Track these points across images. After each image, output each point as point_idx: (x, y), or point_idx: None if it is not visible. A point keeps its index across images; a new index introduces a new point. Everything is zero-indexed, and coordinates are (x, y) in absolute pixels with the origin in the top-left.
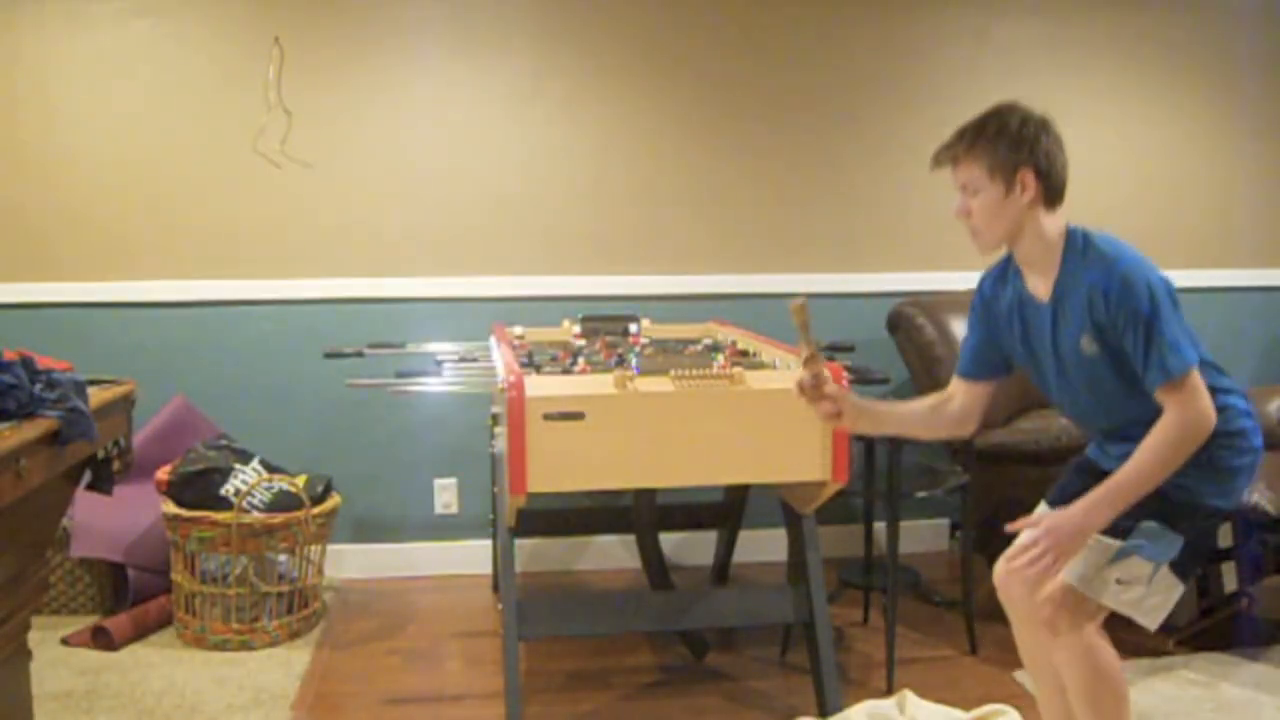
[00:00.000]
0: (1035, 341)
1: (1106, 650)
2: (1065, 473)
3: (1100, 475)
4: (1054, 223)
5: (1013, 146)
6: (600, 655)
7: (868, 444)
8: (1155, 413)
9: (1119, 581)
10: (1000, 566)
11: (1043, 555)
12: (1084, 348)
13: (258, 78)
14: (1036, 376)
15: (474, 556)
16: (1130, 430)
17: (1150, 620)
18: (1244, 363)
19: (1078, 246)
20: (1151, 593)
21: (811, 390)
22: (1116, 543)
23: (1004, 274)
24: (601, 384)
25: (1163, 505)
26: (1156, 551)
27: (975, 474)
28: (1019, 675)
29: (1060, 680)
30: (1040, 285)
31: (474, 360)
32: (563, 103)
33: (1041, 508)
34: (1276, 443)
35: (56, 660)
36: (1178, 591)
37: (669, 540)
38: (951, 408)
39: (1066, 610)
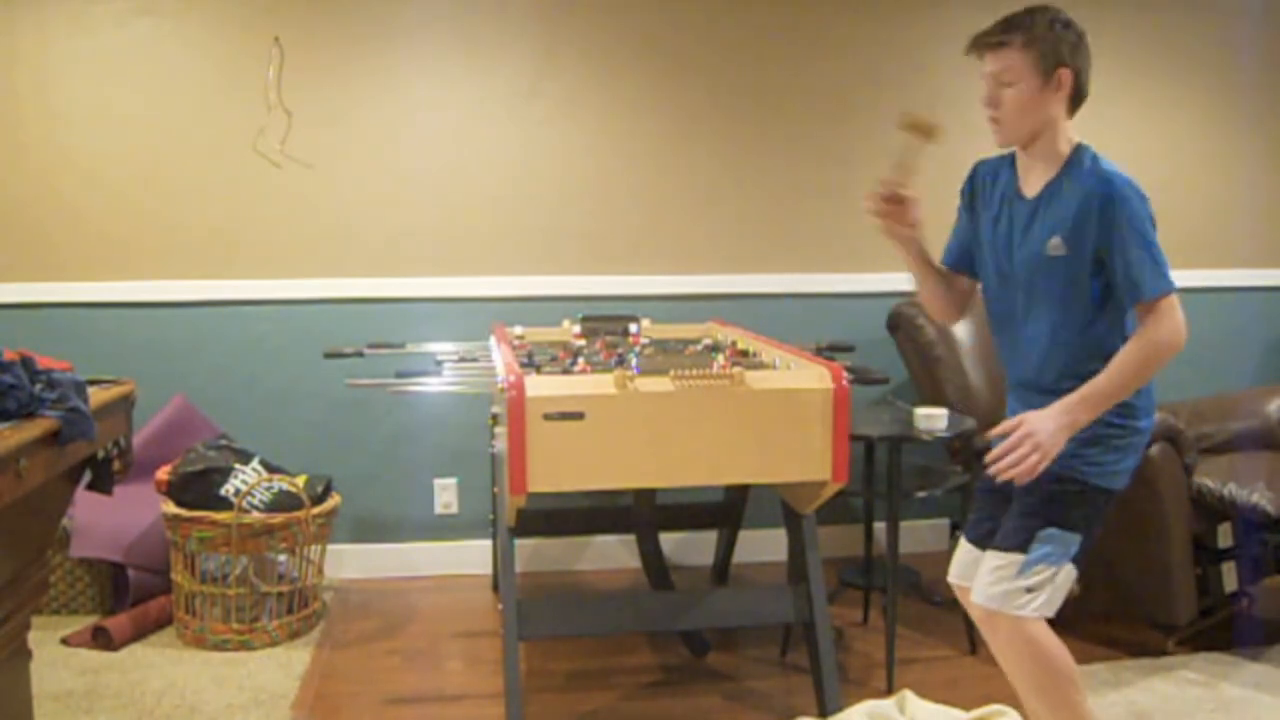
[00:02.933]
0: (1002, 238)
1: (1047, 637)
2: (976, 505)
3: (1002, 491)
4: (1070, 130)
5: (1056, 43)
6: (600, 655)
7: (868, 444)
8: (1075, 360)
9: (1028, 590)
10: (952, 578)
11: (1028, 455)
12: (1050, 249)
13: (258, 78)
14: (987, 282)
15: (474, 556)
16: (1044, 378)
17: (1051, 610)
18: (1244, 363)
19: (1084, 158)
20: (1056, 589)
21: (887, 203)
22: (1020, 556)
23: (998, 167)
24: (601, 384)
25: (1056, 508)
26: (1059, 555)
27: (975, 474)
28: None
29: None
30: (1032, 183)
31: (474, 360)
32: (562, 103)
33: (962, 543)
34: (1276, 443)
35: (56, 660)
36: (1073, 576)
37: (669, 540)
38: (956, 282)
39: (1002, 614)
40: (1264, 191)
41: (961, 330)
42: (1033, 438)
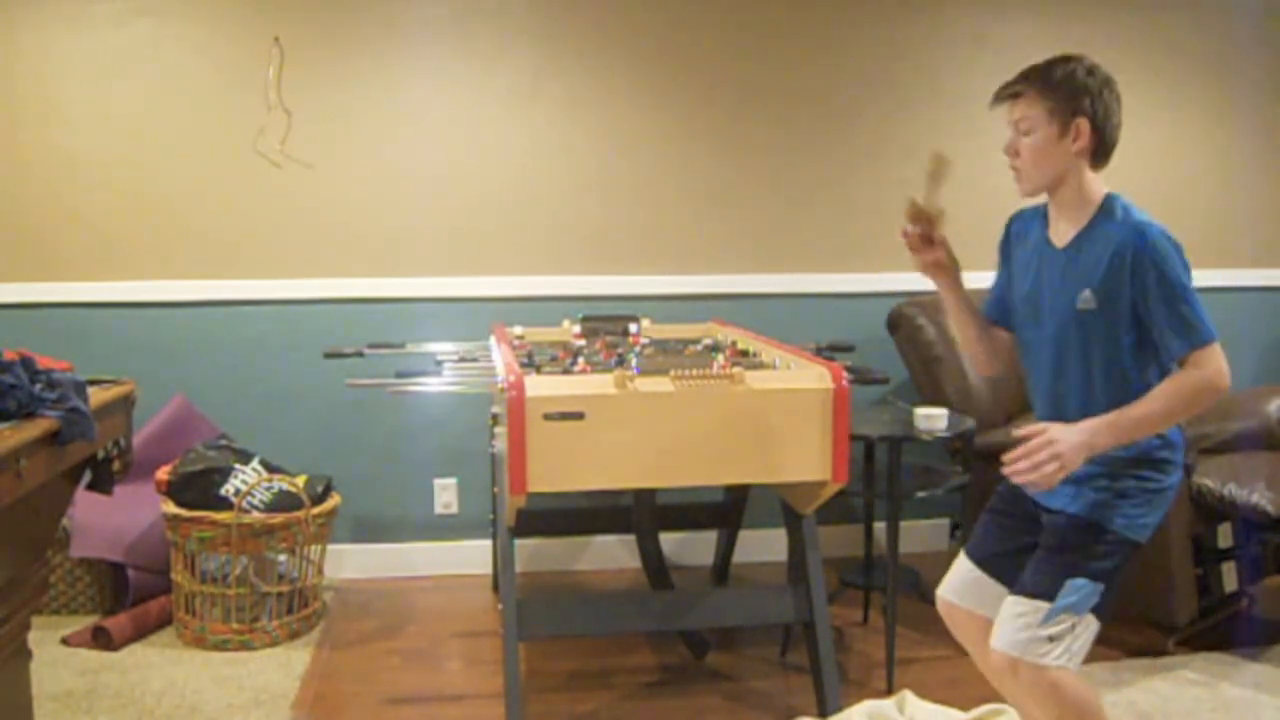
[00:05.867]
0: (1034, 289)
1: (1071, 682)
2: (984, 525)
3: (1022, 510)
4: (1096, 180)
5: (1074, 93)
6: (600, 655)
7: (868, 444)
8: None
9: (1050, 639)
10: (946, 595)
11: (1045, 464)
12: (1081, 302)
13: (258, 78)
14: (1022, 332)
15: (474, 556)
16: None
17: (1075, 662)
18: (1244, 363)
19: (1115, 208)
20: (1075, 638)
21: (918, 237)
22: (1047, 604)
23: (1032, 218)
24: (601, 384)
25: (1087, 558)
26: (1082, 605)
27: (975, 474)
28: None
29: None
30: (1062, 234)
31: (474, 360)
32: (563, 103)
33: (962, 560)
34: (1276, 443)
35: (56, 660)
36: (1096, 628)
37: (669, 540)
38: (997, 334)
39: (1023, 662)
40: (1264, 191)
41: None
42: (1054, 447)
